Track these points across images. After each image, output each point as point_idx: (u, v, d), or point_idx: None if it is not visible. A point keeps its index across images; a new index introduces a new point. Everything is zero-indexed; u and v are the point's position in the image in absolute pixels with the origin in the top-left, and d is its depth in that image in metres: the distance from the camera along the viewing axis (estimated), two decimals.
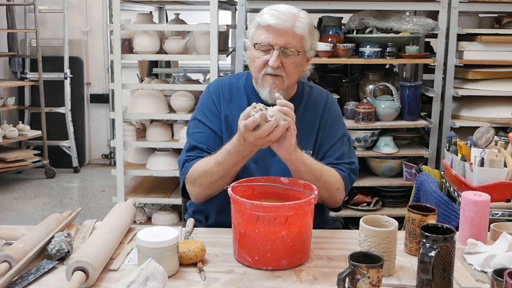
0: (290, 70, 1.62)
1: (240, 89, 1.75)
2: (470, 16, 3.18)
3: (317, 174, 1.58)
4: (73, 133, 5.15)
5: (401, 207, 3.20)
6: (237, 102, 1.72)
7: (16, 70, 5.16)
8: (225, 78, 1.82)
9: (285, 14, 1.58)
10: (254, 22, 1.63)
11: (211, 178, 1.59)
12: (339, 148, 1.72)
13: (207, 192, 1.64)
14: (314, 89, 1.81)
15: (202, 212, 1.76)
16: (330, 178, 1.62)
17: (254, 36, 1.63)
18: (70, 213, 1.63)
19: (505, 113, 3.07)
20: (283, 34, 1.58)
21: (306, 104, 1.75)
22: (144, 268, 1.15)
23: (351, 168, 1.71)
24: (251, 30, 1.65)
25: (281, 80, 1.62)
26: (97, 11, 5.36)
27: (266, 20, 1.58)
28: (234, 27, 3.68)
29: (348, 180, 1.69)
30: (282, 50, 1.59)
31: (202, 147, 1.67)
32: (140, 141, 3.36)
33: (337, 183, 1.65)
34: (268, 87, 1.63)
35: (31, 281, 1.28)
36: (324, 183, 1.59)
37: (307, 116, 1.73)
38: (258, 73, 1.63)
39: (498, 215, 1.84)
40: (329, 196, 1.65)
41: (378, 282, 1.16)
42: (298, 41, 1.60)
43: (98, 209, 4.22)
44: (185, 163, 1.66)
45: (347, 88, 3.41)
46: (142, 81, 3.76)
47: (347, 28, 3.25)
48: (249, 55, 1.66)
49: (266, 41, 1.59)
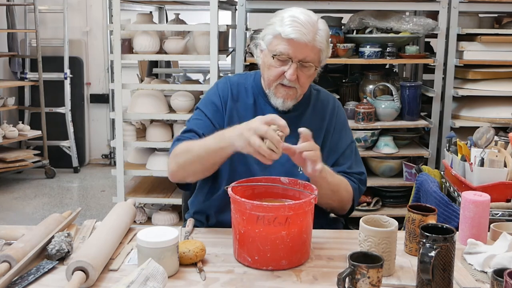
0: (304, 81, 1.62)
1: (247, 89, 1.75)
2: (470, 16, 3.18)
3: (335, 188, 1.62)
4: (73, 133, 5.15)
5: (401, 207, 3.20)
6: (243, 102, 1.73)
7: (16, 70, 5.17)
8: (234, 77, 1.82)
9: (306, 26, 1.55)
10: (273, 29, 1.60)
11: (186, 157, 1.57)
12: (349, 156, 1.75)
13: (180, 172, 1.62)
14: (321, 92, 1.81)
15: (202, 212, 1.76)
16: (344, 192, 1.67)
17: (272, 44, 1.60)
18: (70, 213, 1.63)
19: (505, 113, 3.07)
20: (303, 47, 1.56)
21: (313, 107, 1.76)
22: (144, 268, 1.15)
23: (360, 179, 1.75)
24: (269, 36, 1.61)
25: (294, 91, 1.63)
26: (97, 11, 5.36)
27: (288, 33, 1.55)
28: (234, 27, 3.68)
29: (357, 192, 1.73)
30: (300, 63, 1.58)
31: (197, 131, 1.67)
32: (140, 141, 3.36)
33: (349, 196, 1.70)
34: (281, 97, 1.64)
35: (31, 281, 1.28)
36: (338, 196, 1.65)
37: (314, 119, 1.73)
38: (273, 82, 1.63)
39: (498, 215, 1.84)
40: (339, 207, 1.71)
41: (378, 282, 1.16)
42: (316, 53, 1.60)
43: (98, 209, 4.23)
44: (176, 140, 1.67)
45: (347, 88, 3.41)
46: (142, 81, 3.76)
47: (347, 28, 3.25)
48: (264, 60, 1.65)
49: (285, 52, 1.57)
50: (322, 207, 1.67)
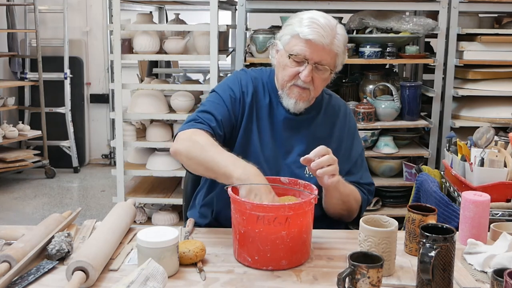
0: (318, 84, 1.63)
1: (264, 85, 1.73)
2: (470, 16, 3.18)
3: (346, 199, 1.64)
4: (73, 133, 5.15)
5: (401, 207, 3.20)
6: (261, 100, 1.71)
7: (16, 70, 5.17)
8: (252, 71, 1.78)
9: (325, 29, 1.55)
10: (291, 29, 1.60)
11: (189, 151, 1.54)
12: (361, 166, 1.77)
13: (184, 160, 1.58)
14: (333, 97, 1.82)
15: (210, 205, 1.74)
16: (354, 201, 1.69)
17: (289, 44, 1.60)
18: (70, 213, 1.63)
19: (505, 113, 3.07)
20: (320, 50, 1.56)
21: (325, 112, 1.75)
22: (144, 268, 1.15)
23: (369, 190, 1.77)
24: (286, 36, 1.61)
25: (308, 93, 1.63)
26: (97, 11, 5.36)
27: (306, 34, 1.55)
28: (234, 27, 3.68)
29: (365, 203, 1.75)
30: (315, 65, 1.58)
31: (216, 116, 1.63)
32: (140, 141, 3.36)
33: (358, 205, 1.71)
34: (294, 98, 1.63)
35: (31, 281, 1.28)
36: (348, 206, 1.67)
37: (324, 124, 1.74)
38: (287, 82, 1.63)
39: (498, 215, 1.84)
40: (347, 215, 1.72)
41: (378, 282, 1.16)
42: (332, 57, 1.59)
43: (98, 209, 4.23)
44: (193, 121, 1.62)
45: (347, 88, 3.41)
46: (142, 81, 3.76)
47: (347, 28, 3.25)
48: (279, 60, 1.64)
49: (302, 53, 1.57)
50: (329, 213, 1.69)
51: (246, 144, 1.68)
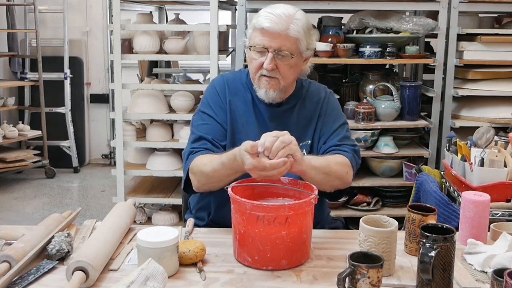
0: (285, 72, 1.64)
1: (243, 83, 1.78)
2: (470, 16, 3.18)
3: (326, 170, 1.59)
4: (73, 133, 5.15)
5: (401, 207, 3.20)
6: (242, 96, 1.76)
7: (16, 70, 5.16)
8: (228, 74, 1.85)
9: (280, 16, 1.59)
10: (251, 23, 1.66)
11: (207, 179, 1.61)
12: (341, 132, 1.75)
13: (205, 188, 1.65)
14: (312, 84, 1.84)
15: (205, 208, 1.76)
16: (338, 165, 1.64)
17: (251, 38, 1.66)
18: (70, 213, 1.63)
19: (505, 113, 3.07)
20: (276, 37, 1.59)
21: (304, 98, 1.78)
22: (144, 268, 1.15)
23: (354, 149, 1.73)
24: (249, 31, 1.67)
25: (276, 81, 1.65)
26: (97, 11, 5.36)
27: (261, 23, 1.60)
28: (234, 27, 3.68)
29: (353, 160, 1.71)
30: (276, 52, 1.61)
31: (207, 138, 1.68)
32: (140, 141, 3.36)
33: (345, 167, 1.66)
34: (264, 88, 1.67)
35: (31, 281, 1.28)
36: (334, 174, 1.62)
37: (306, 109, 1.76)
38: (255, 74, 1.67)
39: (498, 215, 1.84)
40: (340, 182, 1.67)
41: (378, 282, 1.16)
42: (292, 43, 1.61)
43: (98, 209, 4.22)
44: (190, 155, 1.67)
45: (347, 88, 3.41)
46: (142, 81, 3.76)
47: (347, 28, 3.25)
48: (248, 55, 1.70)
49: (260, 43, 1.61)
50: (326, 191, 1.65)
51: (236, 142, 1.68)
